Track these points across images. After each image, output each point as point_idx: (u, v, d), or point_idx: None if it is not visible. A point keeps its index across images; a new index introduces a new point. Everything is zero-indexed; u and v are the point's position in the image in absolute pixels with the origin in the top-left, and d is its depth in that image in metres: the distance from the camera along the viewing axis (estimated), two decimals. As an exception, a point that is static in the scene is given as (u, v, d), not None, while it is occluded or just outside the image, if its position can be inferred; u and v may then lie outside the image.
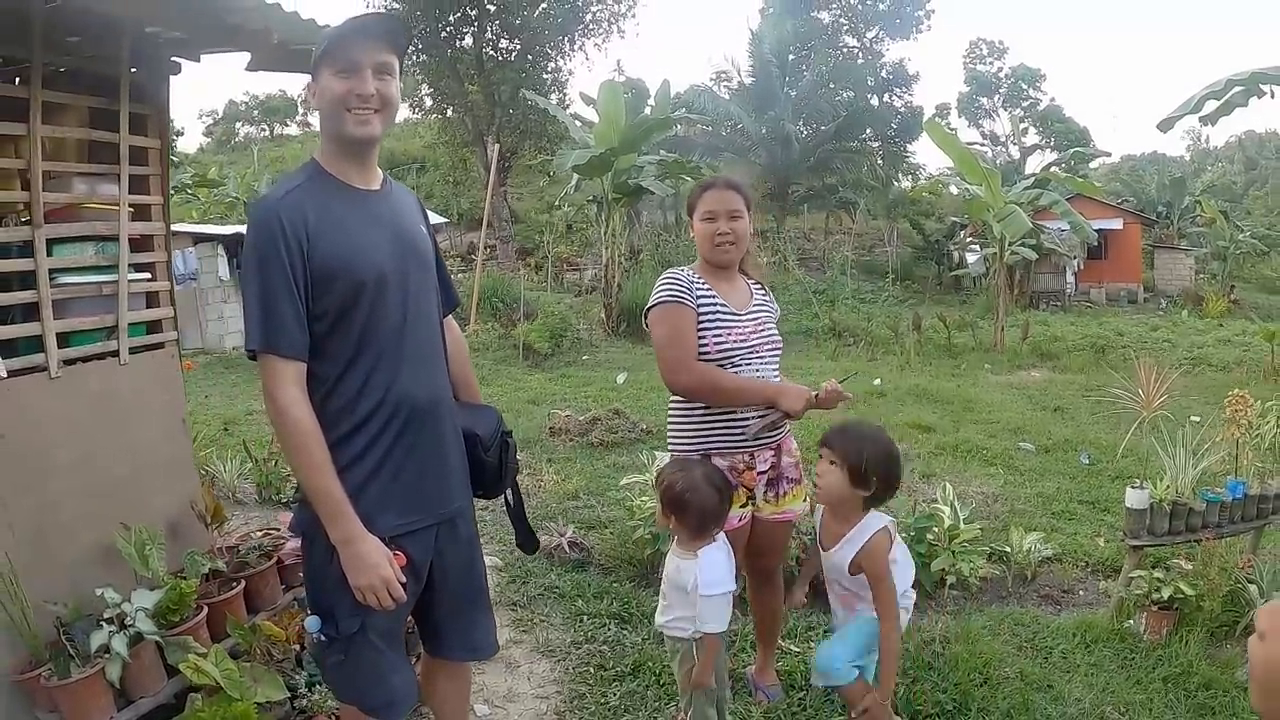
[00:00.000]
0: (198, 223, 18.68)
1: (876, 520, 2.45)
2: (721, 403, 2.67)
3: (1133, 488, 3.68)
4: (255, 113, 57.78)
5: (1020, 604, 3.97)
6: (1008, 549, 4.27)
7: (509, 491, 2.44)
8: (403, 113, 30.59)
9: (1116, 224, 25.09)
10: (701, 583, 2.46)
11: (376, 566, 1.91)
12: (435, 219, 27.52)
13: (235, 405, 9.40)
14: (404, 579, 1.98)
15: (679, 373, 2.65)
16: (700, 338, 2.67)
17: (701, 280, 2.75)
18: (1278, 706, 0.90)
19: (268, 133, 56.39)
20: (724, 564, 2.53)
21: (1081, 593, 4.14)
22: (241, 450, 5.92)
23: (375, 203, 2.08)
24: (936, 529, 4.08)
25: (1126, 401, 5.04)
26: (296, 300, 1.90)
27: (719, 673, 2.67)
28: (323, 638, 2.04)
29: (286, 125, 58.37)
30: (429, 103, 27.38)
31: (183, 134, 49.79)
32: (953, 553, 3.99)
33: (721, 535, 2.57)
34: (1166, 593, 3.49)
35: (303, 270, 1.90)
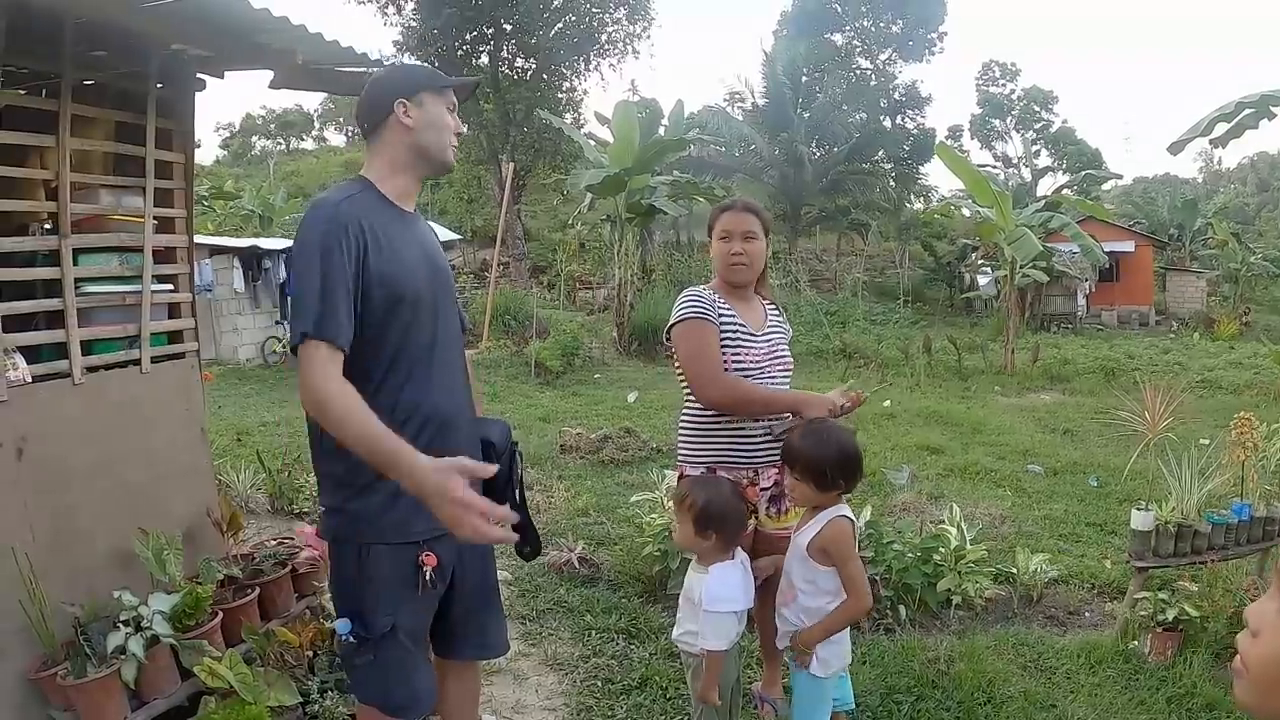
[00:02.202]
0: (213, 235, 18.83)
1: (840, 509, 2.50)
2: (751, 414, 2.72)
3: (1138, 509, 3.70)
4: (271, 127, 58.38)
5: (1025, 624, 3.98)
6: (1014, 570, 4.28)
7: (513, 501, 2.49)
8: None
9: (1128, 246, 25.05)
10: (706, 597, 2.48)
11: (464, 502, 1.76)
12: (449, 236, 27.77)
13: (248, 416, 9.48)
14: (434, 580, 2.06)
15: (710, 386, 2.71)
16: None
17: (722, 299, 2.82)
18: (1277, 704, 0.92)
19: (283, 147, 56.95)
20: (736, 582, 2.54)
21: (1087, 614, 4.15)
22: (255, 460, 5.98)
23: (412, 224, 2.19)
24: (943, 549, 4.09)
25: (1133, 424, 5.04)
26: (351, 296, 1.96)
27: (728, 689, 2.69)
28: (352, 639, 2.09)
29: (302, 140, 59.02)
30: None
31: (200, 146, 50.21)
32: (959, 573, 4.00)
33: (740, 553, 2.61)
34: (1171, 614, 3.49)
35: (357, 272, 1.98)
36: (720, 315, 2.77)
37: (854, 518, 2.55)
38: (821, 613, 2.48)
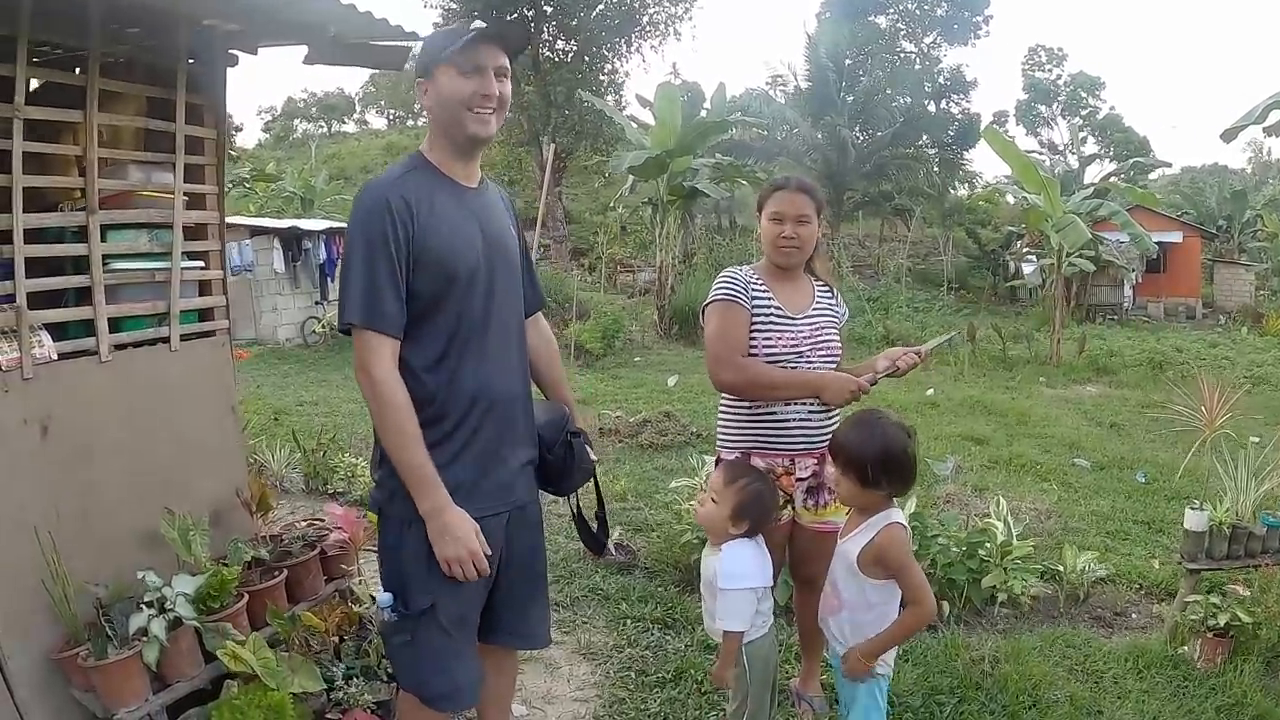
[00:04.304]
0: (255, 216, 19.01)
1: (892, 515, 2.31)
2: (765, 398, 2.63)
3: (1192, 509, 3.53)
4: (313, 110, 58.91)
5: (1072, 625, 3.83)
6: (1061, 568, 4.13)
7: (578, 493, 2.49)
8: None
9: (1176, 237, 24.37)
10: (721, 574, 2.39)
11: (464, 538, 1.97)
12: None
13: (286, 395, 9.54)
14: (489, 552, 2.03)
15: (722, 369, 2.63)
16: (750, 340, 2.64)
17: (759, 281, 2.72)
18: None
19: (325, 130, 57.45)
20: (750, 558, 2.43)
21: (1134, 615, 3.99)
22: (291, 440, 5.98)
23: (472, 199, 2.15)
24: (989, 544, 3.96)
25: (1188, 419, 4.84)
26: (399, 281, 1.97)
27: (767, 682, 2.59)
28: (392, 615, 2.07)
29: (344, 123, 59.46)
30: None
31: (242, 129, 51.06)
32: (1004, 569, 3.87)
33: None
34: (1223, 619, 3.33)
35: (406, 253, 1.97)
36: (754, 298, 2.66)
37: (906, 523, 2.36)
38: (868, 626, 2.32)
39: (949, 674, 3.22)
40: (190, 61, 3.10)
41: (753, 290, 2.68)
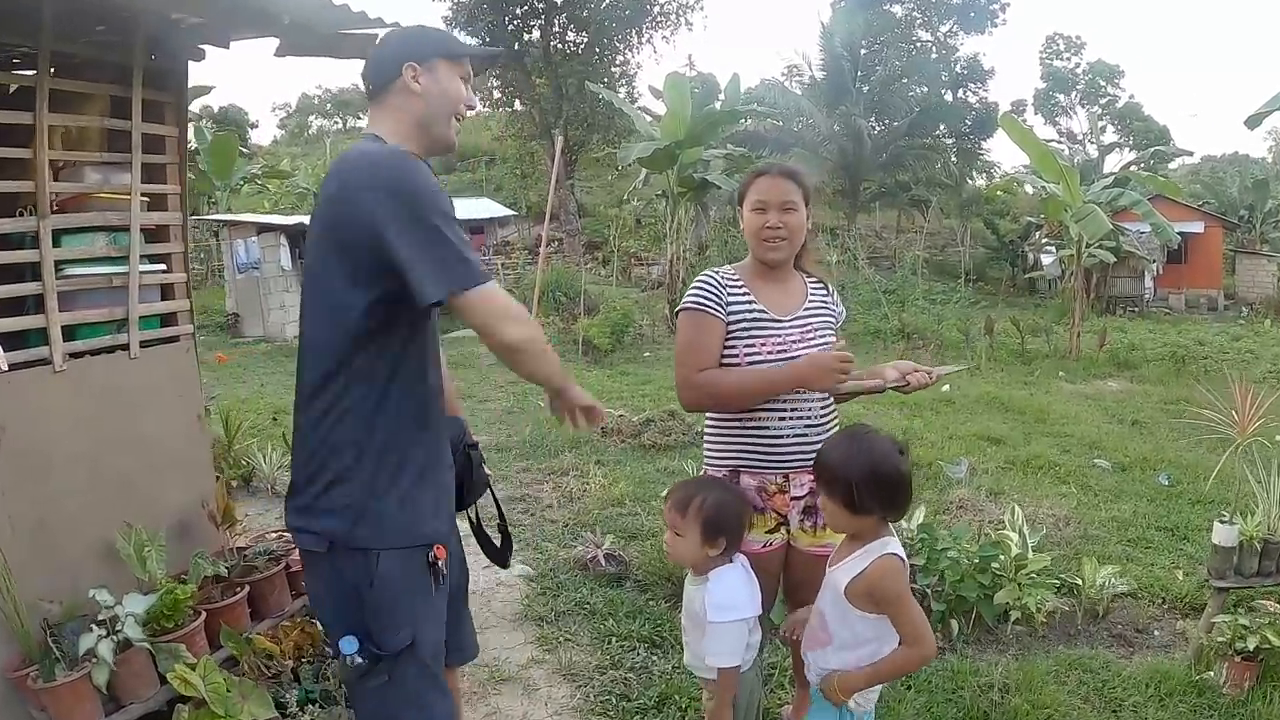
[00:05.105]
0: (268, 214, 18.96)
1: (888, 544, 2.07)
2: (733, 408, 2.41)
3: (1220, 521, 3.31)
4: (328, 106, 58.90)
5: (1090, 644, 3.61)
6: (1079, 581, 3.90)
7: (477, 506, 2.34)
8: (472, 105, 30.79)
9: (1197, 227, 23.94)
10: (711, 606, 2.19)
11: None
12: (504, 212, 27.68)
13: (288, 395, 9.34)
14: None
15: (682, 389, 2.44)
16: (729, 347, 2.41)
17: (738, 281, 2.48)
18: None
19: (340, 125, 57.42)
20: (740, 586, 2.24)
21: (1157, 633, 3.76)
22: (283, 443, 5.84)
23: None
24: (1003, 557, 3.73)
25: (1218, 424, 4.59)
26: None
27: (750, 712, 2.41)
28: (359, 660, 1.83)
29: (359, 119, 59.34)
30: (497, 95, 27.40)
31: (257, 126, 51.08)
32: (1019, 585, 3.64)
33: (739, 555, 2.32)
34: (1252, 642, 3.10)
35: None
36: (730, 302, 2.43)
37: (904, 554, 2.09)
38: (856, 665, 2.10)
39: (955, 703, 3.01)
40: (153, 57, 2.96)
41: (730, 293, 2.45)
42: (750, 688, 2.34)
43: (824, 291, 2.60)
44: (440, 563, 1.90)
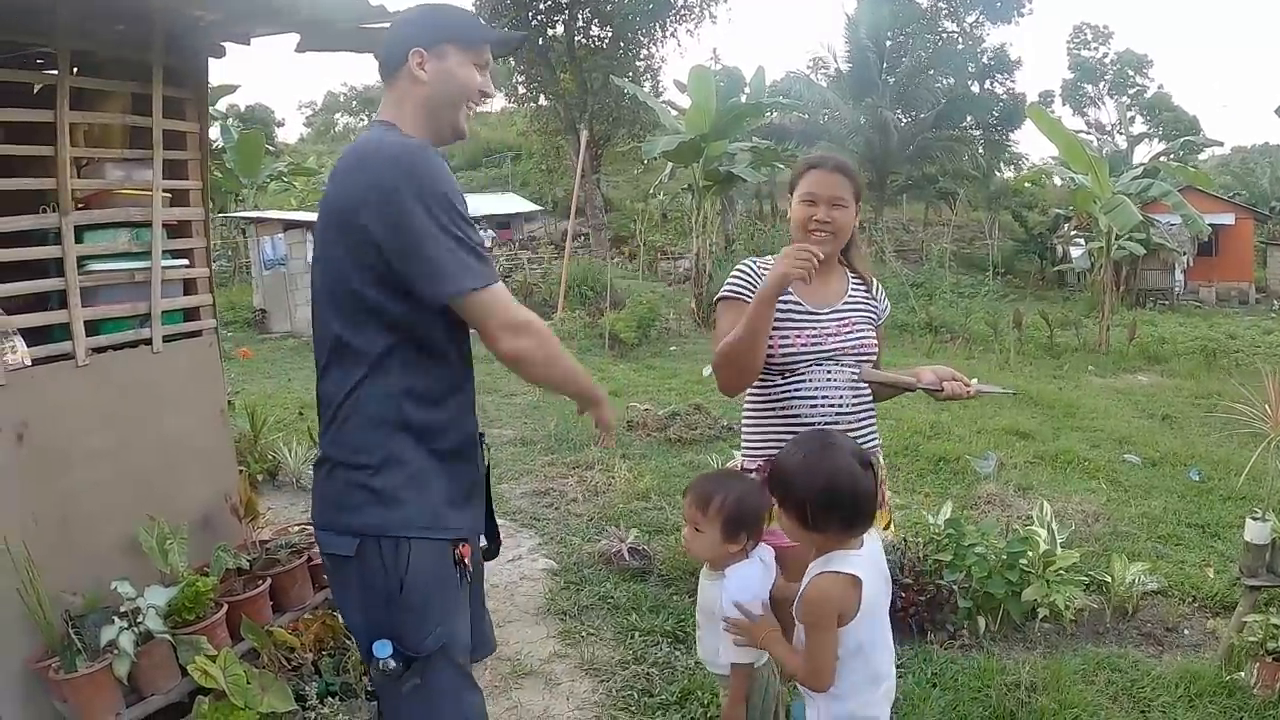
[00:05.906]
0: (294, 210, 19.10)
1: (832, 560, 1.91)
2: (752, 350, 2.28)
3: (1253, 519, 3.23)
4: (353, 103, 59.29)
5: (1119, 642, 3.54)
6: (1108, 578, 3.83)
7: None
8: (497, 101, 30.86)
9: (1228, 219, 23.55)
10: (728, 605, 2.14)
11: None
12: (530, 207, 27.73)
13: (313, 390, 9.48)
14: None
15: (715, 374, 2.39)
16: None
17: None
18: None
19: (365, 122, 57.77)
20: (757, 580, 2.17)
21: (1187, 631, 3.68)
22: (308, 437, 5.88)
23: None
24: (1031, 553, 3.67)
25: (1249, 419, 4.49)
26: None
27: (768, 711, 2.38)
28: (394, 663, 1.78)
29: (385, 115, 59.68)
30: (521, 91, 27.43)
31: (284, 124, 51.50)
32: (1047, 581, 3.58)
33: (757, 550, 2.28)
34: (1284, 642, 3.03)
35: None
36: None
37: (858, 571, 1.90)
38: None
39: (981, 702, 2.96)
40: (171, 54, 2.97)
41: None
42: (765, 684, 2.30)
43: (864, 288, 2.54)
44: (466, 558, 1.86)
